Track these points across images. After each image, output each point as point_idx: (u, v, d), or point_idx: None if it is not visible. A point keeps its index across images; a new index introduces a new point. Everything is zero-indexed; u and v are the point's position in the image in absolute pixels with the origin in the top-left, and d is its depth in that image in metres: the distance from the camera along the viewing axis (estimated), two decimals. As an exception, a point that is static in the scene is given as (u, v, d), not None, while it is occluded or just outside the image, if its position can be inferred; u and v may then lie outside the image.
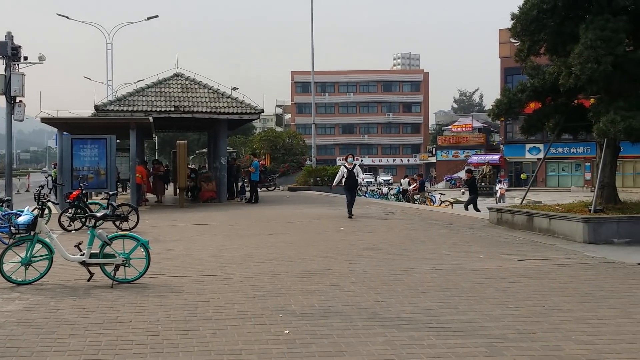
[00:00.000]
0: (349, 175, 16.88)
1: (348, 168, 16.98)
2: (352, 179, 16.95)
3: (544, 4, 12.50)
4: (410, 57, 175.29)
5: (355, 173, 16.95)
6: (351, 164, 17.12)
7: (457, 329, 6.07)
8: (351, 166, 17.01)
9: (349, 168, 16.96)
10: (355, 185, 17.31)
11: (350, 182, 16.95)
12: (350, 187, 16.99)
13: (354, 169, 16.95)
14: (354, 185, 17.16)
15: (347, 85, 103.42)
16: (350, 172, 16.91)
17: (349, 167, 16.99)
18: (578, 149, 50.48)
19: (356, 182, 17.21)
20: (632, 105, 11.63)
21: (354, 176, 16.92)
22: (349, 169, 16.92)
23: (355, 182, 17.14)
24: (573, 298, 7.28)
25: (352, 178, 16.93)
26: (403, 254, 10.59)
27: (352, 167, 16.98)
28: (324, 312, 6.66)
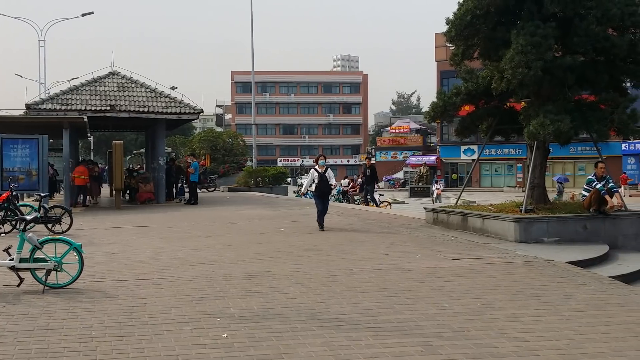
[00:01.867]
0: (321, 180, 14.38)
1: (319, 172, 14.40)
2: (324, 185, 14.45)
3: (477, 10, 12.87)
4: (350, 59, 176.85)
5: (327, 177, 14.47)
6: (323, 167, 14.52)
7: (394, 328, 6.17)
8: (323, 169, 14.45)
9: (321, 172, 14.41)
10: (328, 192, 14.92)
11: (323, 188, 14.45)
12: (322, 194, 14.54)
13: (327, 173, 14.49)
14: (327, 191, 14.70)
15: (287, 86, 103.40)
16: (323, 177, 14.37)
17: (321, 170, 14.43)
18: (510, 150, 52.16)
19: (329, 187, 14.71)
20: (560, 109, 12.10)
21: (326, 181, 14.43)
22: (321, 173, 14.40)
23: (328, 189, 14.69)
24: (505, 296, 7.53)
25: (325, 183, 14.43)
26: (342, 254, 10.68)
27: (324, 171, 14.46)
28: (263, 315, 6.65)
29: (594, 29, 12.00)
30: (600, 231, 12.04)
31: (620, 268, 9.98)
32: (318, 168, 14.51)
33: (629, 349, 5.57)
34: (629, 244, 12.10)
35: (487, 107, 14.58)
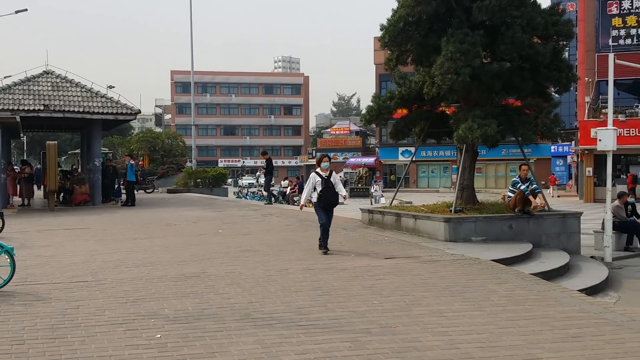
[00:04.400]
0: (326, 187, 10.92)
1: (323, 176, 10.99)
2: (330, 193, 10.98)
3: (410, 17, 13.28)
4: (291, 61, 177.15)
5: (334, 183, 11.05)
6: (326, 169, 11.09)
7: (325, 325, 6.39)
8: (327, 173, 11.04)
9: (325, 176, 11.00)
10: (335, 202, 11.21)
11: (329, 197, 10.97)
12: (328, 205, 11.06)
13: (332, 178, 11.08)
14: (333, 201, 11.12)
15: (228, 86, 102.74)
16: (328, 182, 10.97)
17: (324, 174, 11.02)
18: (445, 152, 53.50)
19: (337, 197, 11.16)
20: (487, 114, 12.64)
21: (332, 188, 10.99)
22: (325, 177, 10.99)
23: (335, 197, 11.12)
24: (432, 293, 7.87)
25: (331, 191, 10.98)
26: (279, 255, 10.85)
27: (329, 175, 11.05)
28: (197, 315, 6.76)
29: (520, 37, 12.56)
30: (524, 230, 12.64)
31: (542, 265, 10.54)
32: (321, 171, 11.05)
33: (544, 341, 5.95)
34: (551, 242, 12.75)
35: (420, 111, 15.04)
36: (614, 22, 35.91)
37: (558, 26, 13.11)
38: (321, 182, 10.98)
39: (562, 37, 13.36)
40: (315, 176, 11.10)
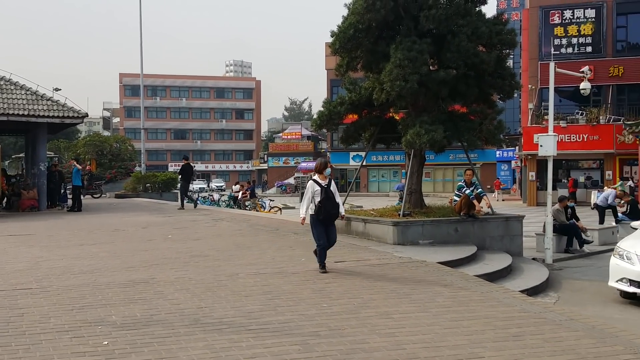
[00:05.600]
0: (326, 197, 9.64)
1: (322, 184, 9.72)
2: (330, 204, 9.68)
3: (360, 24, 13.49)
4: (243, 65, 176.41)
5: (333, 192, 9.78)
6: (326, 177, 9.84)
7: (275, 329, 6.45)
8: (326, 181, 9.77)
9: (324, 184, 9.73)
10: (336, 215, 9.84)
11: (329, 208, 9.66)
12: (327, 218, 9.76)
13: (332, 187, 9.79)
14: (334, 213, 9.79)
15: (179, 90, 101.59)
16: (327, 192, 9.69)
17: (324, 182, 9.75)
18: (395, 157, 54.25)
19: (337, 208, 9.80)
20: (435, 120, 12.96)
21: (333, 198, 9.72)
22: (324, 186, 9.70)
23: (336, 209, 9.78)
24: (380, 295, 8.02)
25: (331, 202, 9.70)
26: (229, 259, 10.84)
27: (328, 184, 9.77)
28: (145, 321, 6.71)
29: (465, 46, 12.92)
30: (470, 233, 12.98)
31: (486, 267, 10.86)
32: (319, 179, 9.77)
33: (486, 340, 6.17)
34: (495, 245, 13.13)
35: (370, 116, 15.26)
36: (556, 31, 37.19)
37: (502, 35, 13.54)
38: (320, 192, 9.61)
39: (506, 46, 13.80)
40: (314, 185, 9.70)
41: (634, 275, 9.61)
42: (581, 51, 36.80)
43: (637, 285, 9.61)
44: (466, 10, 13.28)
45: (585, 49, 36.88)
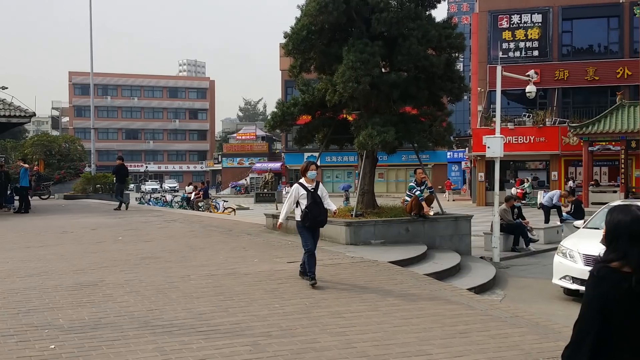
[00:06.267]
0: (313, 202, 8.85)
1: (309, 188, 8.94)
2: (317, 208, 8.88)
3: (313, 26, 13.58)
4: (197, 64, 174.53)
5: (321, 197, 9.01)
6: (312, 180, 9.04)
7: (226, 330, 6.46)
8: (313, 184, 9.00)
9: (311, 188, 8.96)
10: (323, 221, 9.12)
11: (316, 214, 8.87)
12: (315, 224, 9.00)
13: (319, 190, 9.03)
14: (321, 220, 9.03)
15: (130, 89, 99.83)
16: (314, 196, 8.91)
17: (310, 185, 8.99)
18: (349, 157, 54.60)
19: (325, 214, 9.10)
20: (386, 122, 13.14)
21: (320, 203, 8.95)
22: (311, 190, 8.94)
23: (324, 215, 9.05)
24: (332, 295, 8.11)
25: (319, 206, 8.91)
26: (181, 261, 10.75)
27: (315, 187, 9.00)
28: (94, 325, 6.63)
29: (416, 49, 13.14)
30: (420, 233, 13.21)
31: (435, 266, 11.08)
32: (306, 182, 9.03)
33: (434, 337, 6.32)
34: (445, 244, 13.40)
35: (323, 117, 15.35)
36: (504, 35, 38.13)
37: (451, 39, 13.83)
38: (307, 196, 8.84)
39: (455, 50, 14.10)
40: (299, 188, 8.95)
41: (576, 272, 9.95)
42: (528, 55, 37.83)
43: (580, 283, 9.95)
44: (417, 13, 13.51)
45: (532, 52, 37.94)
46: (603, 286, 2.67)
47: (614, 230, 2.74)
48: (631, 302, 2.62)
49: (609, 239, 2.77)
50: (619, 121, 29.93)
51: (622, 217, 2.73)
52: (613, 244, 2.73)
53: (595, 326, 2.67)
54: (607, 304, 2.64)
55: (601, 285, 2.68)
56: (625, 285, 2.61)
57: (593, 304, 2.69)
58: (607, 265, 2.69)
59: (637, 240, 2.66)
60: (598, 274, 2.70)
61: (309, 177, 9.03)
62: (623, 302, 2.62)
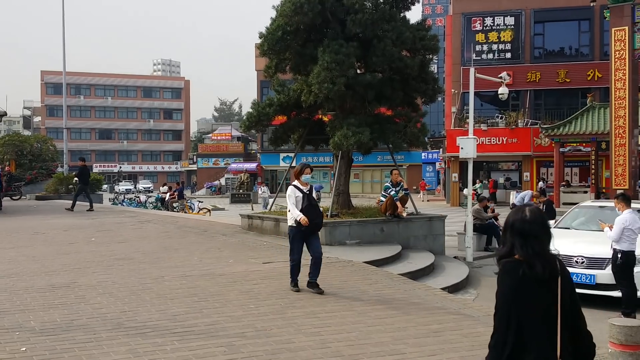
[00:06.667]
0: (309, 205, 8.54)
1: (304, 191, 8.62)
2: (314, 212, 8.56)
3: (288, 27, 13.59)
4: (171, 64, 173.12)
5: (315, 199, 8.87)
6: (306, 183, 8.75)
7: (200, 331, 6.44)
8: (307, 187, 8.69)
9: (306, 190, 8.64)
10: (320, 224, 8.78)
11: (313, 217, 8.48)
12: (312, 227, 8.52)
13: (313, 193, 8.81)
14: (318, 223, 8.66)
15: (104, 88, 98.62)
16: (310, 198, 8.61)
17: (305, 188, 8.66)
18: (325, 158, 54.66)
19: (322, 217, 8.87)
20: (361, 122, 13.20)
21: (316, 206, 8.72)
22: (306, 193, 8.62)
23: (320, 218, 8.72)
24: (307, 295, 8.14)
25: (315, 210, 8.61)
26: (155, 262, 10.69)
27: (310, 190, 8.73)
28: (66, 327, 6.56)
29: (390, 50, 13.24)
30: (395, 233, 13.29)
31: (409, 266, 11.17)
32: (300, 185, 8.67)
33: (408, 337, 6.38)
34: (419, 244, 13.50)
35: (298, 118, 15.38)
36: (477, 37, 38.55)
37: (425, 41, 13.95)
38: (302, 198, 8.49)
39: (429, 51, 14.23)
40: (295, 190, 8.57)
41: (547, 271, 10.11)
42: (501, 57, 38.28)
43: (550, 281, 10.12)
44: (391, 15, 13.60)
45: (505, 55, 38.40)
46: (510, 277, 3.07)
47: (509, 227, 3.18)
48: (530, 287, 3.04)
49: (505, 235, 3.21)
50: (590, 123, 30.46)
51: (514, 217, 3.19)
52: (509, 239, 3.16)
53: (510, 314, 3.04)
54: (516, 291, 3.05)
55: (509, 277, 3.08)
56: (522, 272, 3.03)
57: (506, 294, 3.07)
58: (510, 259, 3.11)
59: (523, 235, 3.09)
60: (504, 267, 3.12)
61: (303, 180, 8.72)
62: (525, 288, 3.04)
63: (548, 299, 3.07)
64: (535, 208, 3.25)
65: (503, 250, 3.21)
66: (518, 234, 3.13)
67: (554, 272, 3.10)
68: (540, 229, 3.15)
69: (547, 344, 3.06)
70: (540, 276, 3.04)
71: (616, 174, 21.12)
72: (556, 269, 3.12)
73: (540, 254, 3.08)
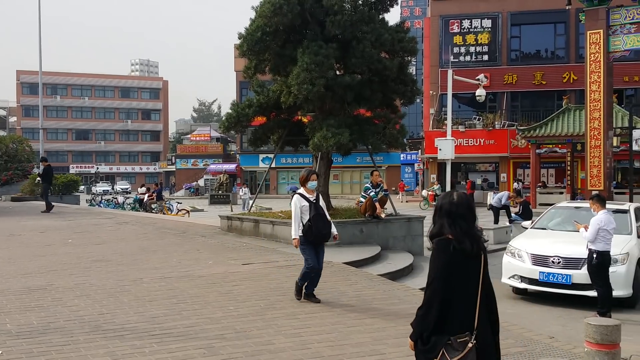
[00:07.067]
0: (316, 214, 8.08)
1: (310, 199, 8.16)
2: (322, 221, 8.09)
3: (267, 27, 13.58)
4: (149, 64, 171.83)
5: (323, 208, 8.28)
6: (313, 191, 8.31)
7: (179, 333, 6.41)
8: (314, 195, 8.26)
9: (312, 199, 8.19)
10: (328, 235, 8.21)
11: (320, 227, 8.06)
12: (319, 238, 8.14)
13: (320, 202, 8.30)
14: (326, 233, 8.16)
15: (81, 88, 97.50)
16: (317, 207, 8.14)
17: (311, 196, 8.22)
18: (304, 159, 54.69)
19: (330, 226, 8.21)
20: (341, 124, 13.23)
21: (324, 216, 8.19)
22: (313, 201, 8.16)
23: (328, 228, 8.17)
24: (287, 296, 8.14)
25: (322, 219, 8.12)
26: (133, 264, 10.61)
27: (317, 198, 8.27)
28: (43, 329, 6.49)
29: (369, 52, 13.29)
30: (374, 234, 13.33)
31: (389, 266, 11.21)
32: (306, 193, 8.22)
33: (387, 337, 6.42)
34: (398, 245, 13.56)
35: (278, 119, 15.37)
36: (455, 39, 38.88)
37: (403, 43, 14.03)
38: (309, 208, 8.03)
39: (407, 53, 14.30)
40: (301, 199, 8.08)
41: (524, 272, 10.23)
42: (478, 59, 38.67)
43: (528, 282, 10.24)
44: (370, 17, 13.66)
45: (482, 57, 38.80)
46: (443, 254, 3.44)
47: (439, 209, 3.57)
48: (460, 261, 3.42)
49: (436, 217, 3.58)
50: (565, 124, 30.88)
51: (442, 200, 3.58)
52: (439, 220, 3.54)
53: (442, 286, 3.41)
54: (448, 266, 3.42)
55: (442, 253, 3.44)
56: (452, 248, 3.41)
57: (439, 269, 3.44)
58: (442, 238, 3.48)
59: (451, 216, 3.47)
60: (438, 245, 3.48)
61: (309, 188, 8.23)
62: (456, 262, 3.42)
63: (473, 273, 3.46)
64: (461, 193, 3.64)
65: (433, 230, 3.56)
66: (447, 215, 3.49)
67: (480, 249, 3.47)
68: (466, 210, 3.51)
69: (469, 313, 3.44)
70: (469, 252, 3.41)
71: (591, 175, 21.42)
72: (482, 246, 3.49)
73: (467, 232, 3.44)
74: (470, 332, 3.43)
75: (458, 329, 3.41)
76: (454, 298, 3.41)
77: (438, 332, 3.44)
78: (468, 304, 3.45)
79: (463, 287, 3.43)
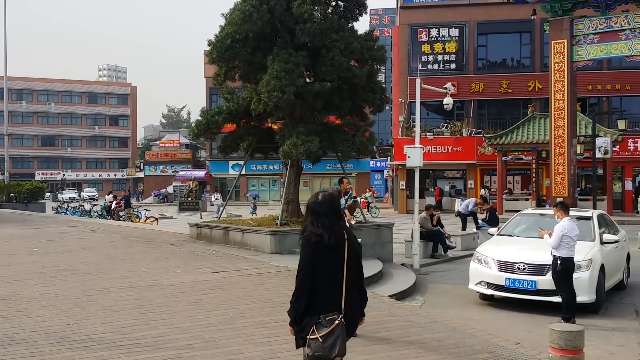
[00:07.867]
0: None
1: None
2: None
3: (237, 35, 13.57)
4: (117, 70, 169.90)
5: None
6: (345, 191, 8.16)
7: (147, 344, 6.35)
8: None
9: None
10: None
11: None
12: None
13: None
14: None
15: (47, 94, 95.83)
16: None
17: None
18: (275, 166, 54.67)
19: None
20: (311, 131, 13.27)
21: None
22: None
23: None
24: (256, 305, 8.12)
25: None
26: (100, 273, 10.48)
27: None
28: (7, 341, 6.38)
29: (339, 60, 13.36)
30: (344, 241, 13.34)
31: (358, 274, 11.22)
32: None
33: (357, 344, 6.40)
34: (367, 252, 13.52)
35: (248, 126, 15.35)
36: (423, 48, 39.31)
37: (373, 51, 14.14)
38: None
39: (376, 62, 14.41)
40: None
41: (490, 278, 10.36)
42: (446, 68, 39.15)
43: (494, 288, 10.36)
44: (340, 25, 13.75)
45: (450, 65, 39.29)
46: (311, 246, 3.93)
47: (307, 208, 4.08)
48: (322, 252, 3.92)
49: (306, 214, 4.10)
50: (530, 132, 31.43)
51: (311, 200, 4.09)
52: (306, 218, 4.08)
53: (309, 274, 3.93)
54: (314, 257, 3.93)
55: (307, 246, 3.95)
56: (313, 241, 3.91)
57: (307, 260, 3.95)
58: (311, 232, 3.95)
59: (314, 213, 4.00)
60: (304, 239, 3.99)
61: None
62: (318, 254, 3.92)
63: (337, 262, 3.95)
64: (327, 193, 4.12)
65: (303, 227, 4.09)
66: (312, 213, 4.01)
67: (340, 241, 3.96)
68: (329, 208, 4.01)
69: (334, 297, 3.95)
70: (327, 244, 3.89)
71: (556, 182, 21.83)
72: (342, 239, 3.97)
73: (327, 227, 3.93)
74: (339, 311, 3.95)
75: (327, 309, 3.92)
76: (321, 283, 3.93)
77: (309, 314, 3.94)
78: (335, 287, 3.95)
79: (329, 273, 3.93)
